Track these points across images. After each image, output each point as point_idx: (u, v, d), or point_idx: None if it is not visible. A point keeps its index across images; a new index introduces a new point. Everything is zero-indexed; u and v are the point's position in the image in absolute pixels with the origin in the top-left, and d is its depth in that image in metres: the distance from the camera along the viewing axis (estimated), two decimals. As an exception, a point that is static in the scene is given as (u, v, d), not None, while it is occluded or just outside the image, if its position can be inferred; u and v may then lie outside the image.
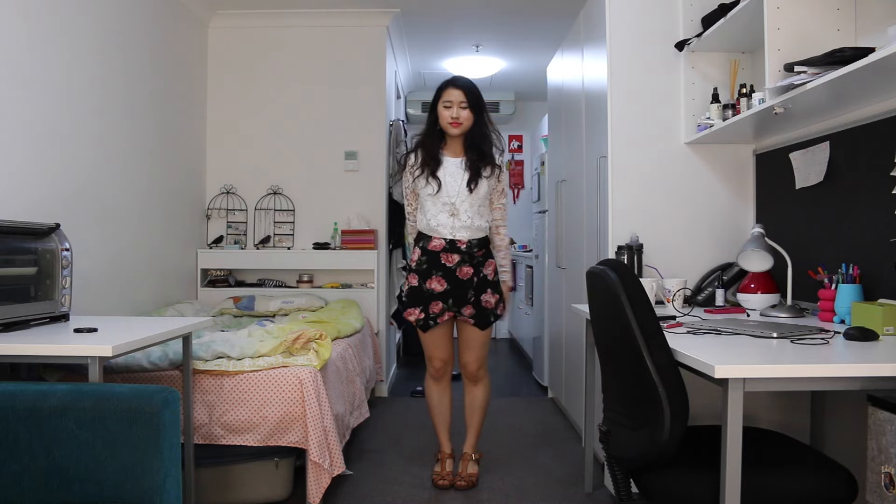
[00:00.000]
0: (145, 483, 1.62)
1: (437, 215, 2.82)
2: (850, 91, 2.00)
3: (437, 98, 2.84)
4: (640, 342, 1.64)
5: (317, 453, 2.48)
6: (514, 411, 4.16)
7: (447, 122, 2.80)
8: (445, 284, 2.83)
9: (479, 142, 2.84)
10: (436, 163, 2.83)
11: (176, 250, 4.08)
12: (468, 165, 2.82)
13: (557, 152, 4.13)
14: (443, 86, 2.84)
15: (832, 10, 2.16)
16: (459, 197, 2.80)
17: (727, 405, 1.52)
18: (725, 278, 2.77)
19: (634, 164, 2.89)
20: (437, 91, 2.85)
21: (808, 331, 1.90)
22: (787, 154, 2.60)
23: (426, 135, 2.89)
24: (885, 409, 1.40)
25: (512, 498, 2.78)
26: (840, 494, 1.60)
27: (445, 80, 2.85)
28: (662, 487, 1.68)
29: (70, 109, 2.89)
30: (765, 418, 2.52)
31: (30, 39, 2.60)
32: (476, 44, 5.38)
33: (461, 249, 2.82)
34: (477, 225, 2.83)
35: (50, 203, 2.73)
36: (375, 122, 4.65)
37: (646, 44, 2.89)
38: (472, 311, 2.86)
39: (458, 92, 2.79)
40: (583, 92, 3.40)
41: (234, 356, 2.65)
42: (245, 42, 4.59)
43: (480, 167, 2.82)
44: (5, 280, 2.05)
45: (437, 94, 2.84)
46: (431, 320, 2.86)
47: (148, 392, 1.66)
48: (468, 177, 2.81)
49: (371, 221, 4.58)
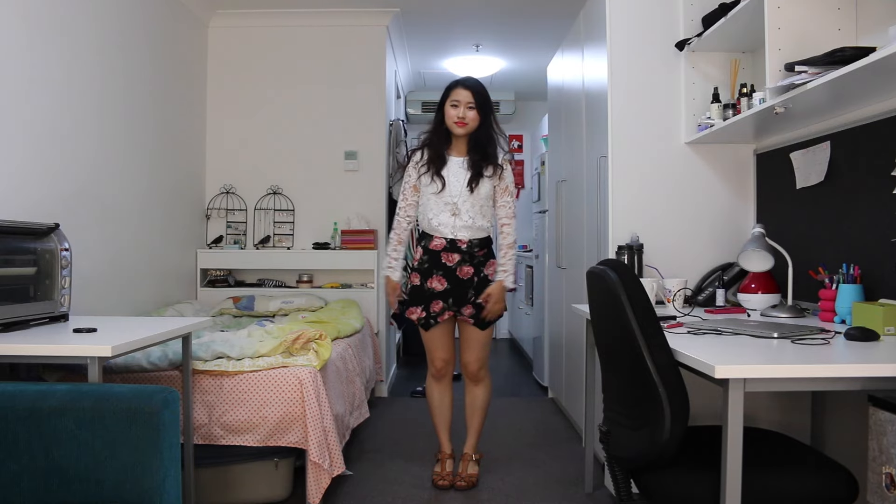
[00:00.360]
0: (145, 483, 1.62)
1: (438, 214, 2.83)
2: (851, 91, 2.00)
3: (444, 97, 2.84)
4: (641, 342, 1.64)
5: (317, 453, 2.48)
6: (514, 411, 4.15)
7: (453, 121, 2.80)
8: (446, 284, 2.83)
9: (484, 142, 2.84)
10: (441, 161, 2.84)
11: (176, 250, 4.07)
12: (470, 165, 2.82)
13: (557, 152, 4.13)
14: (451, 85, 2.84)
15: (833, 10, 2.16)
16: (462, 197, 2.81)
17: (727, 405, 1.52)
18: (726, 278, 2.77)
19: (635, 164, 2.89)
20: (445, 90, 2.86)
21: (809, 331, 1.90)
22: (787, 154, 2.60)
23: (433, 133, 2.89)
24: (885, 409, 1.40)
25: (512, 498, 2.78)
26: (840, 495, 1.60)
27: (455, 80, 2.86)
28: (662, 487, 1.68)
29: (70, 109, 2.88)
30: (765, 418, 2.51)
31: (30, 39, 2.60)
32: (476, 44, 5.37)
33: (462, 249, 2.82)
34: (478, 225, 2.84)
35: (50, 203, 2.72)
36: (375, 121, 4.65)
37: (646, 44, 2.89)
38: (471, 311, 2.86)
39: (466, 92, 2.79)
40: (583, 92, 3.40)
41: (234, 356, 2.64)
42: (245, 42, 4.59)
43: (482, 167, 2.82)
44: (5, 280, 2.05)
45: (445, 94, 2.84)
46: (432, 319, 2.87)
47: (147, 392, 1.66)
48: (469, 176, 2.81)
49: (371, 221, 4.58)
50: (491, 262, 2.89)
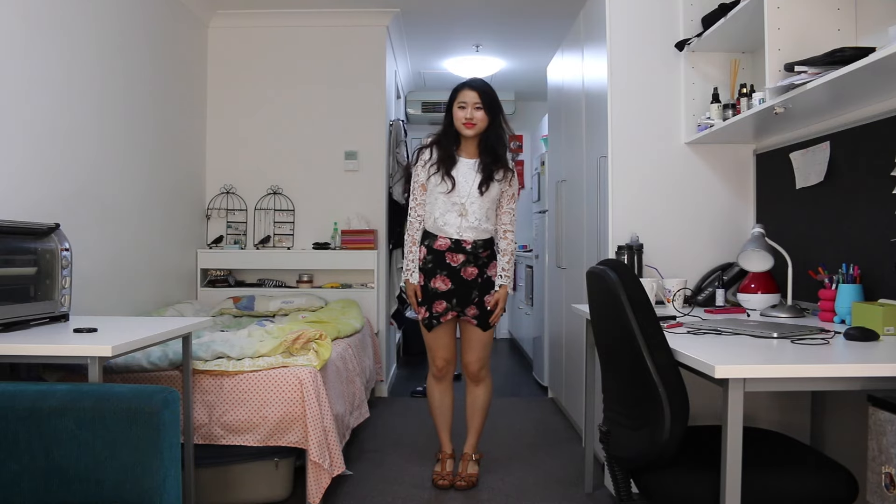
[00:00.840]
0: (145, 483, 1.62)
1: (445, 214, 2.83)
2: (851, 91, 2.00)
3: (452, 99, 2.85)
4: (641, 342, 1.64)
5: (317, 453, 2.48)
6: (514, 411, 4.15)
7: (461, 122, 2.80)
8: (450, 284, 2.84)
9: (494, 143, 2.84)
10: (451, 161, 2.84)
11: (176, 250, 4.07)
12: (481, 168, 2.83)
13: (557, 152, 4.13)
14: (458, 87, 2.85)
15: (832, 10, 2.16)
16: (470, 198, 2.81)
17: (727, 405, 1.52)
18: (726, 278, 2.77)
19: (634, 164, 2.89)
20: (452, 93, 2.86)
21: (809, 331, 1.90)
22: (787, 154, 2.60)
23: (442, 135, 2.89)
24: (885, 409, 1.40)
25: (512, 498, 2.78)
26: (840, 495, 1.60)
27: (461, 82, 2.87)
28: (662, 487, 1.68)
29: (70, 109, 2.88)
30: (765, 418, 2.52)
31: (30, 39, 2.60)
32: (476, 44, 5.37)
33: (466, 250, 2.83)
34: (484, 227, 2.84)
35: (50, 203, 2.72)
36: (375, 121, 4.65)
37: (646, 44, 2.89)
38: (475, 312, 2.87)
39: (472, 93, 2.80)
40: (583, 92, 3.40)
41: (234, 356, 2.64)
42: (245, 42, 4.59)
43: (493, 170, 2.82)
44: (5, 280, 2.05)
45: (453, 96, 2.85)
46: (435, 319, 2.88)
47: (148, 392, 1.66)
48: (480, 179, 2.81)
49: (371, 221, 4.58)
50: (493, 263, 2.90)
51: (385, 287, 4.61)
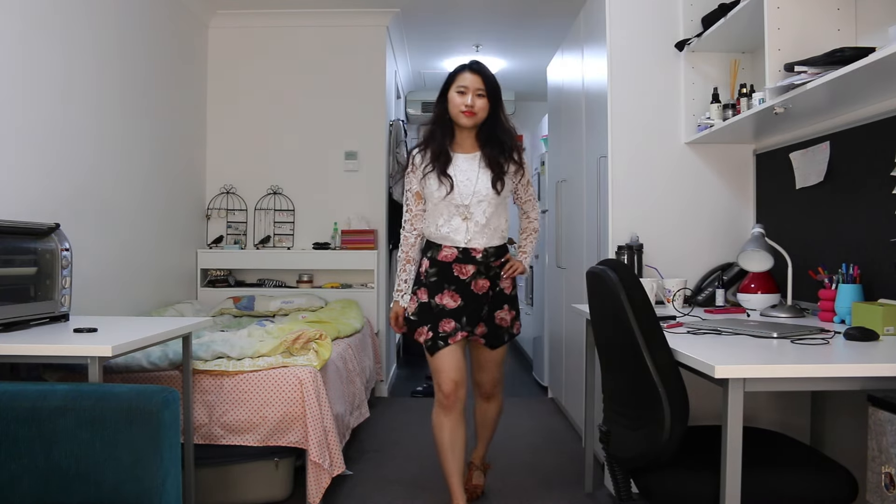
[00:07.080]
0: (145, 483, 1.62)
1: (449, 220, 2.45)
2: (850, 91, 2.00)
3: (448, 83, 2.46)
4: (640, 342, 1.64)
5: (317, 453, 2.48)
6: (514, 411, 4.15)
7: (459, 109, 2.40)
8: (459, 300, 2.44)
9: (500, 133, 2.46)
10: (446, 158, 2.45)
11: (176, 250, 4.08)
12: (487, 163, 2.44)
13: (557, 152, 4.13)
14: (458, 69, 2.46)
15: (832, 10, 2.16)
16: (474, 198, 2.42)
17: (727, 405, 1.52)
18: (725, 278, 2.77)
19: (634, 164, 2.89)
20: (449, 76, 2.47)
21: (809, 331, 1.90)
22: (787, 154, 2.60)
23: (434, 125, 2.50)
24: (885, 409, 1.40)
25: (512, 498, 2.78)
26: (840, 495, 1.60)
27: (461, 64, 2.47)
28: (662, 487, 1.68)
29: (70, 109, 2.88)
30: (765, 418, 2.52)
31: (30, 39, 2.60)
32: (476, 44, 5.37)
33: (476, 259, 2.44)
34: (494, 226, 2.46)
35: (50, 203, 2.72)
36: (375, 122, 4.65)
37: (646, 44, 2.89)
38: (483, 330, 2.51)
39: (475, 77, 2.41)
40: (583, 92, 3.40)
41: (234, 356, 2.64)
42: (245, 42, 4.59)
43: (503, 165, 2.44)
44: (5, 280, 2.05)
45: (450, 79, 2.46)
46: (441, 340, 2.42)
47: (147, 392, 1.66)
48: (491, 176, 2.43)
49: (371, 221, 4.58)
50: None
51: (385, 287, 4.61)
